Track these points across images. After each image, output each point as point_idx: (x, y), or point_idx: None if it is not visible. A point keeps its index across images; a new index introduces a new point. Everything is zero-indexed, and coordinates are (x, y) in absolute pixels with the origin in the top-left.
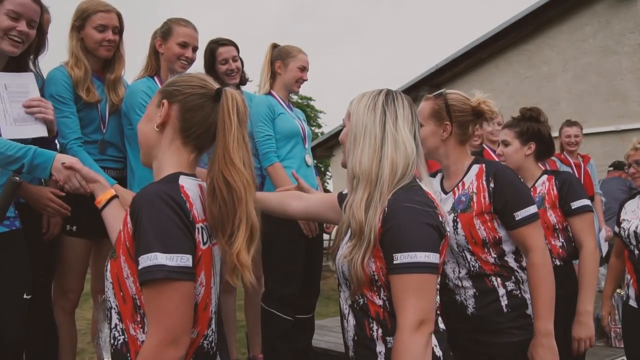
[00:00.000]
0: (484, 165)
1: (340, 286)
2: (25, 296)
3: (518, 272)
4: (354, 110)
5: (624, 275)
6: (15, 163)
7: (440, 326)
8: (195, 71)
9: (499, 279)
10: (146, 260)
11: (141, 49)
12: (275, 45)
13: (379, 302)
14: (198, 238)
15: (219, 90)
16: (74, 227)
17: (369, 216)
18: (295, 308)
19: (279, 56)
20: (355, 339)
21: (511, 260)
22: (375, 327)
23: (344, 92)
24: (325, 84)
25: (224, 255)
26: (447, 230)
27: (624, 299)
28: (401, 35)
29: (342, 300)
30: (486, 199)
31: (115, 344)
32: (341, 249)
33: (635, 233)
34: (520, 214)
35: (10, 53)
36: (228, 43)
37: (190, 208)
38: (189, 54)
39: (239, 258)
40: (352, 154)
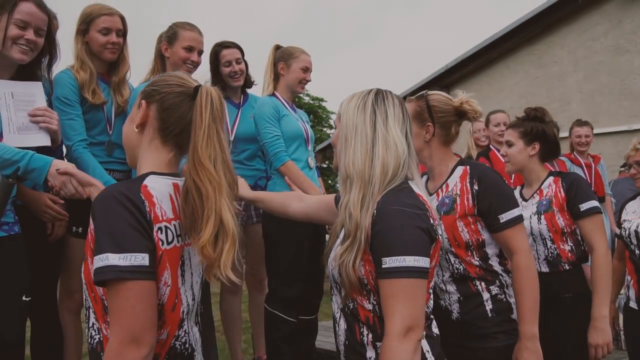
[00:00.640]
0: (468, 167)
1: (332, 289)
2: (24, 298)
3: (502, 276)
4: (344, 111)
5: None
6: (11, 166)
7: (434, 331)
8: (201, 74)
9: (483, 283)
10: (98, 261)
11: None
12: (278, 47)
13: (369, 307)
14: (158, 237)
15: (196, 88)
16: (79, 229)
17: (361, 217)
18: (298, 309)
19: (282, 57)
20: (346, 343)
21: (495, 264)
22: (365, 332)
23: None
24: (340, 85)
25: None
26: (439, 233)
27: (625, 301)
28: (416, 36)
29: (334, 304)
30: (469, 201)
31: (92, 342)
32: (333, 251)
33: (635, 232)
34: (504, 217)
35: (20, 61)
36: (232, 45)
37: (151, 207)
38: (195, 57)
39: (203, 252)
40: (344, 154)
